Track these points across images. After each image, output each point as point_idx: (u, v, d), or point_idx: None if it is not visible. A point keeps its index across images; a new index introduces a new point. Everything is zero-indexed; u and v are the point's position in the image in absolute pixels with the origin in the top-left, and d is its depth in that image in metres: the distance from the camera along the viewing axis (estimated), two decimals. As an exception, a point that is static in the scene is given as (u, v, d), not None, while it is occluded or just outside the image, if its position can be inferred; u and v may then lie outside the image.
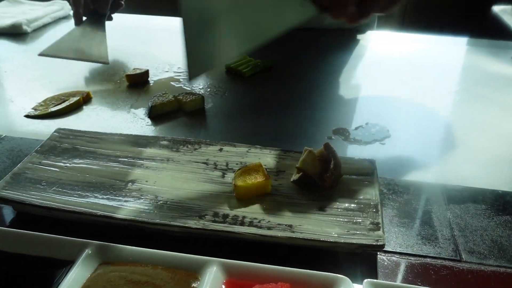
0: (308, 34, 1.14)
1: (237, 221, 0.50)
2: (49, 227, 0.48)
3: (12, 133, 0.71)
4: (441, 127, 0.78)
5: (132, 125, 0.74)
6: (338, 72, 0.98)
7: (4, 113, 0.78)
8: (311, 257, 0.49)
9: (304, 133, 0.74)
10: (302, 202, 0.54)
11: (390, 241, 0.51)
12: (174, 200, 0.54)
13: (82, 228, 0.50)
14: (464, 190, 0.60)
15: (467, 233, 0.53)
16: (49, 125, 0.74)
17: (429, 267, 0.48)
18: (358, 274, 0.47)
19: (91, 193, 0.54)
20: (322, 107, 0.82)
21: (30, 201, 0.52)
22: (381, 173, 0.60)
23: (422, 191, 0.60)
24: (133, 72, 0.90)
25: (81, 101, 0.80)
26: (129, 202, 0.53)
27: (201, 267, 0.43)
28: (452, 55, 1.08)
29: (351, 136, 0.72)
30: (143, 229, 0.50)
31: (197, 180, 0.57)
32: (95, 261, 0.44)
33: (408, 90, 0.90)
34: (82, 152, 0.62)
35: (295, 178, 0.57)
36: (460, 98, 0.88)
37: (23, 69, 0.95)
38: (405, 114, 0.81)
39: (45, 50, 0.84)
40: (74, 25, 0.92)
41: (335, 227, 0.50)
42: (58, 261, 0.44)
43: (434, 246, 0.51)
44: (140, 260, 0.44)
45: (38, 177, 0.56)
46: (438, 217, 0.55)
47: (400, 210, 0.56)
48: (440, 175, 0.64)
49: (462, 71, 1.02)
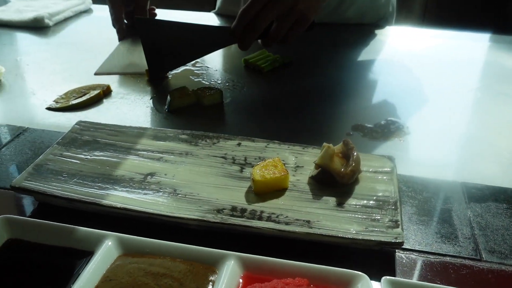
0: (326, 29, 1.13)
1: (255, 216, 0.50)
2: (69, 218, 0.49)
3: (34, 125, 0.72)
4: (462, 124, 0.77)
5: (151, 119, 0.75)
6: (357, 67, 0.97)
7: (27, 105, 0.80)
8: (328, 253, 0.48)
9: (323, 129, 0.74)
10: (320, 198, 0.54)
11: (409, 239, 0.51)
12: (192, 193, 0.54)
13: (102, 220, 0.51)
14: (485, 188, 0.60)
15: (488, 232, 0.52)
16: (70, 117, 0.75)
17: (449, 266, 0.48)
18: (376, 271, 0.46)
19: (111, 185, 0.55)
20: (341, 103, 0.82)
21: (52, 192, 0.53)
22: (400, 170, 0.60)
23: (441, 189, 0.59)
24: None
25: (101, 94, 0.81)
26: (148, 195, 0.53)
27: (219, 260, 0.44)
28: (473, 51, 1.07)
29: (370, 132, 0.72)
30: (162, 222, 0.51)
31: (216, 174, 0.57)
32: (115, 253, 0.45)
33: (428, 87, 0.89)
34: (102, 145, 0.62)
35: (314, 174, 0.57)
36: (481, 95, 0.86)
37: (44, 62, 0.96)
38: (424, 111, 0.80)
39: (99, 69, 0.91)
40: (117, 40, 1.00)
41: (353, 223, 0.50)
42: (79, 252, 0.45)
43: (454, 244, 0.51)
44: (158, 253, 0.45)
45: (59, 168, 0.57)
46: (458, 215, 0.55)
47: (419, 208, 0.56)
48: (460, 173, 0.63)
49: (483, 67, 1.00)
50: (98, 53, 0.99)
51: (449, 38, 1.14)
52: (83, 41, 1.08)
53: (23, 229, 0.47)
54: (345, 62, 1.00)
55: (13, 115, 0.76)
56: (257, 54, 0.96)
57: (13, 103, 0.80)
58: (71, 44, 1.07)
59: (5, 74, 0.88)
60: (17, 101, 0.81)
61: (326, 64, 0.98)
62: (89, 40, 1.09)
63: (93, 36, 1.12)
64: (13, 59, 0.97)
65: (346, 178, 0.55)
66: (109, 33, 1.03)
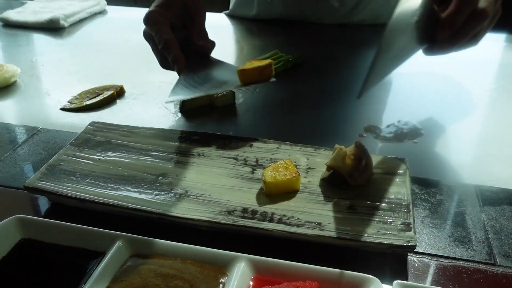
0: (339, 30, 1.12)
1: (266, 218, 0.50)
2: (82, 218, 0.49)
3: (48, 126, 0.73)
4: (476, 126, 0.75)
5: (164, 120, 0.75)
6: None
7: (41, 106, 0.81)
8: (340, 256, 0.48)
9: (335, 130, 0.73)
10: (332, 200, 0.53)
11: (421, 242, 0.51)
12: (203, 195, 0.54)
13: (113, 220, 0.51)
14: (500, 191, 0.59)
15: (502, 236, 0.52)
16: (83, 118, 0.75)
17: (462, 270, 0.47)
18: (388, 274, 0.46)
19: (123, 186, 0.55)
20: (353, 104, 0.81)
21: (65, 193, 0.53)
22: (413, 172, 0.59)
23: (455, 191, 0.59)
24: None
25: (114, 95, 0.81)
26: (160, 196, 0.54)
27: (230, 262, 0.44)
28: (489, 52, 1.05)
29: (383, 134, 0.71)
30: (173, 223, 0.51)
31: (227, 175, 0.57)
32: (126, 253, 0.45)
33: (442, 87, 0.87)
34: (115, 145, 0.63)
35: (325, 176, 0.56)
36: (496, 96, 0.85)
37: (59, 63, 0.97)
38: (438, 112, 0.79)
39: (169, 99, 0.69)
40: (176, 73, 0.72)
41: (365, 226, 0.49)
42: (90, 252, 0.45)
43: (467, 248, 0.50)
44: (169, 254, 0.45)
45: (72, 169, 0.58)
46: (472, 218, 0.54)
47: (432, 211, 0.55)
48: (474, 176, 0.62)
49: (499, 68, 0.99)
50: (112, 54, 1.00)
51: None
52: (97, 42, 1.09)
53: (36, 229, 0.47)
54: (358, 62, 0.99)
55: (27, 115, 0.77)
56: (270, 55, 0.95)
57: (28, 104, 0.81)
58: (86, 45, 1.08)
59: (21, 75, 0.89)
60: (32, 101, 0.82)
61: (338, 65, 0.98)
62: (103, 41, 1.10)
63: (108, 37, 1.13)
64: (29, 60, 0.98)
65: (358, 180, 0.54)
66: (123, 34, 1.03)
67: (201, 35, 0.74)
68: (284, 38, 1.11)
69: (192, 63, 0.72)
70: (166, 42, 0.70)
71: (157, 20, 0.71)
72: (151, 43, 0.74)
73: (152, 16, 0.72)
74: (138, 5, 1.55)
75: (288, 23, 1.16)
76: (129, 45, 1.01)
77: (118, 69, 0.94)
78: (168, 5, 0.73)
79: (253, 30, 1.17)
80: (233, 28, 1.20)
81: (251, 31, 1.17)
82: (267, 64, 0.67)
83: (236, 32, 1.19)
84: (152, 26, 0.72)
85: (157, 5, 0.73)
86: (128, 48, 1.02)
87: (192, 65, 0.72)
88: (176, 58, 0.70)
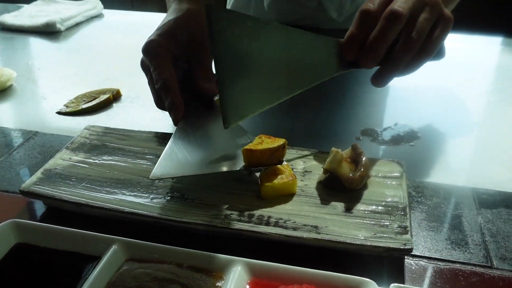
0: (337, 34, 1.12)
1: (263, 221, 0.50)
2: (78, 222, 0.49)
3: (44, 130, 0.73)
4: (473, 129, 0.76)
5: (160, 123, 0.75)
6: (365, 71, 0.97)
7: (37, 109, 0.80)
8: (336, 259, 0.48)
9: (331, 134, 0.73)
10: (329, 204, 0.53)
11: (418, 245, 0.50)
12: (200, 198, 0.54)
13: (109, 224, 0.51)
14: (497, 194, 0.59)
15: (499, 239, 0.52)
16: (79, 122, 0.75)
17: (459, 273, 0.47)
18: (385, 278, 0.46)
19: (119, 189, 0.55)
20: (350, 107, 0.81)
21: (60, 197, 0.53)
22: (410, 175, 0.59)
23: (452, 194, 0.59)
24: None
25: (111, 98, 0.81)
26: (156, 199, 0.53)
27: (226, 266, 0.43)
28: (485, 55, 1.05)
29: (380, 137, 0.71)
30: (169, 227, 0.51)
31: (224, 178, 0.57)
32: (122, 257, 0.45)
33: (439, 91, 0.88)
34: (111, 149, 0.62)
35: (322, 179, 0.56)
36: (493, 99, 0.85)
37: (56, 67, 0.97)
38: (435, 115, 0.79)
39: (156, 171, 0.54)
40: (172, 123, 0.62)
41: (361, 229, 0.49)
42: (86, 256, 0.45)
43: (464, 251, 0.50)
44: (165, 258, 0.45)
45: (68, 173, 0.57)
46: (468, 221, 0.54)
47: (429, 214, 0.55)
48: (471, 178, 0.62)
49: (496, 71, 0.99)
50: (109, 57, 1.00)
51: (460, 42, 1.13)
52: (94, 46, 1.09)
53: (31, 233, 0.47)
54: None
55: (23, 119, 0.77)
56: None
57: (24, 107, 0.81)
58: (82, 48, 1.08)
59: (17, 79, 0.89)
60: (28, 105, 0.82)
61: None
62: (100, 45, 1.10)
63: (104, 41, 1.13)
64: (25, 64, 0.98)
65: (355, 183, 0.54)
66: (120, 38, 1.03)
67: (207, 76, 0.64)
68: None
69: (191, 111, 0.62)
70: (164, 82, 0.60)
71: (157, 53, 0.62)
72: (148, 76, 0.66)
73: (152, 46, 0.62)
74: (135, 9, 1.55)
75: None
76: (126, 49, 1.01)
77: (115, 73, 0.94)
78: (172, 34, 0.64)
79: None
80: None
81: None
82: (279, 145, 0.56)
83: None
84: (151, 59, 0.62)
85: (159, 33, 0.64)
86: (125, 51, 1.02)
87: (192, 114, 0.62)
88: (174, 105, 0.60)
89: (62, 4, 1.32)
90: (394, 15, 0.55)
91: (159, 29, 0.65)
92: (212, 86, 0.64)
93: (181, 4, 0.67)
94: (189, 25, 0.65)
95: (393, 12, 0.55)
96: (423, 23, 0.57)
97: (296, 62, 0.56)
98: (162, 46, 0.63)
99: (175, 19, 0.65)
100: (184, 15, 0.65)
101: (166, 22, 0.65)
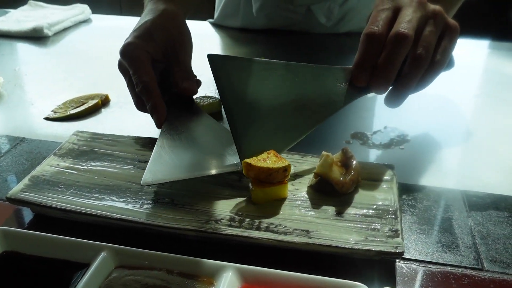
0: (327, 38, 1.13)
1: (253, 226, 0.50)
2: (66, 229, 0.48)
3: (31, 136, 0.72)
4: (462, 132, 0.76)
5: (150, 128, 0.74)
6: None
7: (25, 115, 0.79)
8: (328, 264, 0.48)
9: (322, 137, 0.73)
10: (320, 208, 0.53)
11: (409, 249, 0.50)
12: (190, 203, 0.53)
13: (98, 231, 0.51)
14: (486, 196, 0.59)
15: (489, 241, 0.52)
16: (68, 127, 0.75)
17: (450, 276, 0.47)
18: (376, 281, 0.46)
19: (107, 196, 0.54)
20: (340, 111, 0.81)
21: (48, 203, 0.52)
22: (400, 179, 0.59)
23: (442, 197, 0.59)
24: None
25: (99, 103, 0.81)
26: (145, 205, 0.53)
27: (217, 272, 0.43)
28: (473, 59, 1.06)
29: (370, 140, 0.71)
30: (159, 233, 0.50)
31: (214, 183, 0.57)
32: (111, 264, 0.44)
33: (428, 94, 0.88)
34: (99, 155, 0.62)
35: (313, 183, 0.56)
36: (481, 102, 0.86)
37: (43, 72, 0.96)
38: (424, 118, 0.79)
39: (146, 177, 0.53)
40: (155, 125, 0.62)
41: (352, 233, 0.49)
42: (74, 264, 0.45)
43: (454, 254, 0.50)
44: (155, 264, 0.44)
45: (56, 179, 0.57)
46: (459, 224, 0.54)
47: (419, 217, 0.55)
48: (461, 181, 0.62)
49: (484, 74, 1.00)
50: (97, 62, 0.99)
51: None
52: (82, 51, 1.08)
53: (18, 241, 0.46)
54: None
55: (11, 125, 0.76)
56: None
57: (12, 113, 0.80)
58: (70, 54, 1.07)
59: (4, 84, 0.88)
60: (15, 111, 0.81)
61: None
62: (88, 50, 1.09)
63: (92, 46, 1.12)
64: (12, 69, 0.97)
65: (346, 187, 0.54)
66: (108, 42, 1.03)
67: (186, 76, 0.64)
68: (271, 46, 1.11)
69: (173, 111, 0.62)
70: (145, 85, 0.60)
71: (136, 56, 0.62)
72: (127, 79, 0.65)
73: (130, 49, 0.62)
74: (123, 14, 1.54)
75: (275, 31, 1.16)
76: (114, 54, 0.99)
77: (103, 78, 0.93)
78: (149, 36, 0.63)
79: (239, 39, 1.17)
80: (219, 37, 1.20)
81: (237, 39, 1.17)
82: (280, 167, 0.52)
83: (222, 40, 1.19)
84: (130, 62, 0.62)
85: (136, 35, 0.63)
86: (113, 56, 1.00)
87: (174, 115, 0.62)
88: (156, 108, 0.60)
89: (49, 9, 1.31)
90: (400, 38, 0.55)
91: (135, 30, 0.65)
92: (191, 85, 0.65)
93: (158, 4, 0.68)
94: (166, 26, 0.65)
95: (399, 35, 0.55)
96: (429, 37, 0.57)
97: (307, 98, 0.56)
98: (140, 48, 0.63)
99: (152, 20, 0.65)
100: (161, 15, 0.66)
101: (142, 23, 0.65)
